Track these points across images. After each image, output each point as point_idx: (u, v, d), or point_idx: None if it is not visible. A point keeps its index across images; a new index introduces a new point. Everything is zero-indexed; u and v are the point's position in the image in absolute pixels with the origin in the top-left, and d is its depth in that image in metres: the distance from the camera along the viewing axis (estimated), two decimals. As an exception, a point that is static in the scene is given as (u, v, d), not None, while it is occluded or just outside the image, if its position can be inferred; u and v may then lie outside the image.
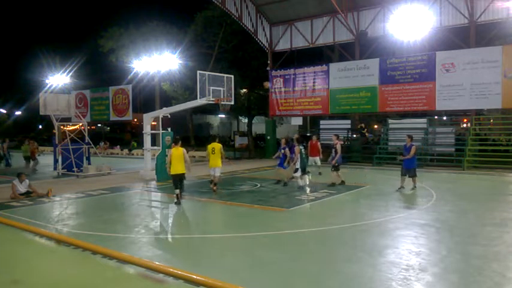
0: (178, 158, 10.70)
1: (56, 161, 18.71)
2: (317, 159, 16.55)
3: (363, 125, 23.35)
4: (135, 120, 44.14)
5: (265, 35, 26.32)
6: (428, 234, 7.50)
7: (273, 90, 25.57)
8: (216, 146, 12.71)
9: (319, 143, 16.89)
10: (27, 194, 11.85)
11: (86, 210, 10.45)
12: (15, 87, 54.57)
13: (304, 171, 12.97)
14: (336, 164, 13.31)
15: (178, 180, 10.70)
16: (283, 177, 13.95)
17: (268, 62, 26.46)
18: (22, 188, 11.84)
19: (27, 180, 12.03)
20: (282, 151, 13.97)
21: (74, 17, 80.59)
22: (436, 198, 10.89)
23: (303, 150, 13.03)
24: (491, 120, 21.89)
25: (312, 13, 24.36)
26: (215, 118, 62.50)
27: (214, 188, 12.55)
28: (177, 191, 10.66)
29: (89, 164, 18.90)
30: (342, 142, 15.49)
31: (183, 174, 10.75)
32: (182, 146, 11.22)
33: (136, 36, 33.49)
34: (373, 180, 13.78)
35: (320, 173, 15.95)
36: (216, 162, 12.59)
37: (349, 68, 22.53)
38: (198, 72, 14.56)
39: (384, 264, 5.85)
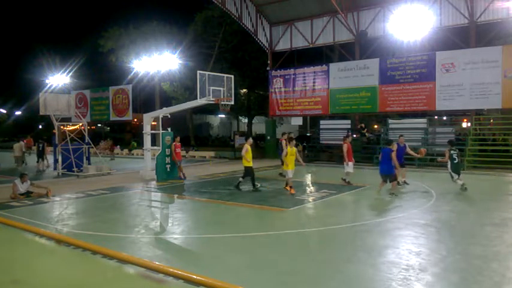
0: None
1: (56, 161, 18.71)
2: (351, 164, 13.70)
3: (363, 125, 23.35)
4: (135, 120, 44.11)
5: (265, 35, 26.32)
6: (428, 234, 7.50)
7: (273, 90, 25.57)
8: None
9: (347, 146, 13.80)
10: (27, 194, 11.86)
11: (86, 210, 10.45)
12: (15, 87, 54.61)
13: None
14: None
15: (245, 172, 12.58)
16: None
17: (268, 62, 26.46)
18: (22, 188, 11.85)
19: (28, 181, 12.05)
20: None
21: (74, 17, 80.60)
22: (436, 198, 10.89)
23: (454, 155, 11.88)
24: (491, 120, 21.90)
25: (312, 13, 24.36)
26: (215, 118, 62.52)
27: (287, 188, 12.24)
28: (240, 178, 12.84)
29: (89, 164, 18.90)
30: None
31: (244, 167, 12.56)
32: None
33: (136, 36, 33.51)
34: (373, 180, 13.76)
35: (344, 180, 13.60)
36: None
37: (349, 68, 22.53)
38: (198, 72, 14.55)
39: (384, 264, 5.85)
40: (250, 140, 13.16)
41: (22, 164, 21.52)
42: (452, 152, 12.03)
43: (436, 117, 26.37)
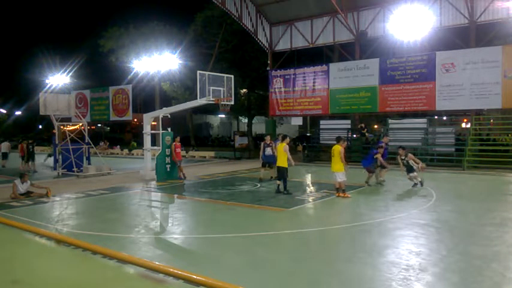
0: (280, 152, 11.89)
1: (56, 161, 18.71)
2: None
3: (363, 125, 23.35)
4: (135, 120, 44.14)
5: (265, 35, 26.32)
6: (428, 234, 7.50)
7: (273, 90, 25.57)
8: (335, 148, 11.39)
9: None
10: (27, 194, 11.86)
11: (86, 210, 10.45)
12: (15, 87, 54.51)
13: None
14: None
15: (278, 172, 11.94)
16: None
17: (268, 62, 26.47)
18: (22, 188, 11.85)
19: (28, 181, 12.05)
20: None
21: (74, 17, 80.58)
22: (436, 198, 10.89)
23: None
24: (491, 120, 21.90)
25: (312, 13, 24.37)
26: (215, 118, 62.55)
27: (337, 194, 11.37)
28: (277, 181, 12.06)
29: (89, 164, 18.90)
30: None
31: (280, 167, 11.83)
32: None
33: (136, 36, 33.52)
34: (373, 180, 13.76)
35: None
36: (333, 166, 11.45)
37: (349, 68, 22.53)
38: (198, 72, 14.55)
39: (384, 264, 5.85)
40: (288, 139, 12.23)
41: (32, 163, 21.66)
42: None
43: (436, 117, 26.36)
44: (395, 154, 14.09)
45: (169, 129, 16.18)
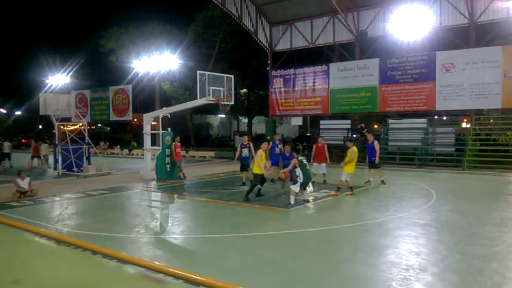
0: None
1: (56, 161, 18.72)
2: (323, 165, 14.01)
3: (363, 125, 23.31)
4: (135, 120, 44.11)
5: (265, 35, 26.32)
6: (428, 234, 7.50)
7: (273, 90, 25.57)
8: (354, 148, 11.45)
9: (326, 146, 14.18)
10: (30, 190, 11.92)
11: (86, 210, 10.45)
12: (15, 87, 54.56)
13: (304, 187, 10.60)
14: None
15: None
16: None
17: (268, 62, 26.46)
18: (24, 184, 11.87)
19: (28, 178, 12.10)
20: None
21: (74, 17, 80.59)
22: (436, 198, 10.89)
23: (304, 161, 10.43)
24: (491, 120, 21.90)
25: (312, 13, 24.36)
26: (215, 118, 62.55)
27: (349, 192, 11.62)
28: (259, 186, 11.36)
29: (89, 164, 18.90)
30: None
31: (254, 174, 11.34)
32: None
33: (136, 36, 33.54)
34: (373, 180, 13.76)
35: (325, 181, 13.98)
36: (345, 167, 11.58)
37: (349, 68, 22.52)
38: (198, 72, 14.55)
39: (384, 264, 5.85)
40: (264, 146, 11.90)
41: (46, 161, 21.76)
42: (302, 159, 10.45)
43: (436, 117, 26.37)
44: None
45: (169, 129, 16.18)
